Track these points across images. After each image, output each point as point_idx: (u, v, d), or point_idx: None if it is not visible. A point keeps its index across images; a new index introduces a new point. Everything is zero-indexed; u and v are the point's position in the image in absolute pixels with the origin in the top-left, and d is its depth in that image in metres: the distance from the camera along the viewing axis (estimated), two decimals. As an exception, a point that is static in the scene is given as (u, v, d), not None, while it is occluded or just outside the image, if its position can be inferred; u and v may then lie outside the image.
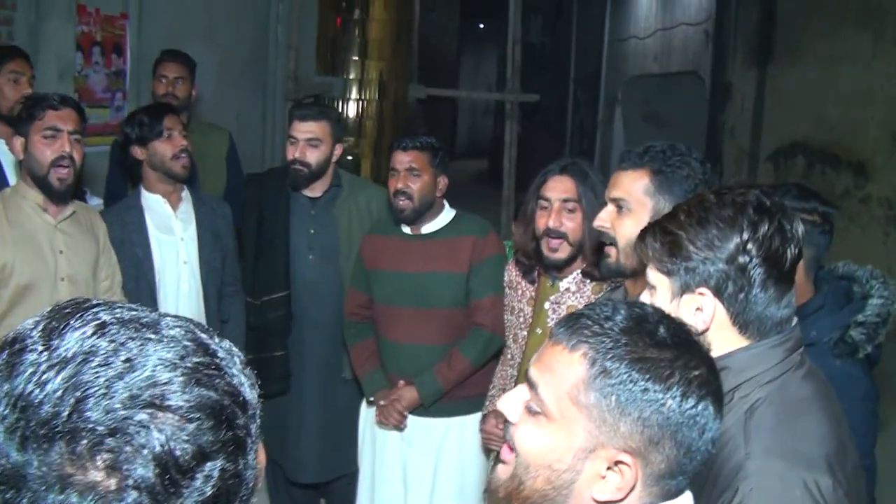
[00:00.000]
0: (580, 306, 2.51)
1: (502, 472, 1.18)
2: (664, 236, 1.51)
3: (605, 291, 2.46)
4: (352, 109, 6.89)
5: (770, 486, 1.35)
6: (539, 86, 10.44)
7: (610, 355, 1.08)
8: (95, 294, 2.85)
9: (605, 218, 2.04)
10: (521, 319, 2.80)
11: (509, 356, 2.90)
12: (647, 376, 1.06)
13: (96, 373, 0.70)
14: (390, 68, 6.97)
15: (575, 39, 13.59)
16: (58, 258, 2.73)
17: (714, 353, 1.48)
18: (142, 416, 0.70)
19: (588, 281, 2.60)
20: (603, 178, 2.48)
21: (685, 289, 1.49)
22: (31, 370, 0.70)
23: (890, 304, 2.41)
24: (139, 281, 3.08)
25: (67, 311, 0.75)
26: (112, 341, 0.72)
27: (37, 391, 0.69)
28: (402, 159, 3.03)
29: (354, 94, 6.89)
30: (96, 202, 3.52)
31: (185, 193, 3.25)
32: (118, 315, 0.75)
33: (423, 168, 3.02)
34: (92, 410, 0.69)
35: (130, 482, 0.69)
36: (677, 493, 1.13)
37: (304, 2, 6.80)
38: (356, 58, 6.88)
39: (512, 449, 1.16)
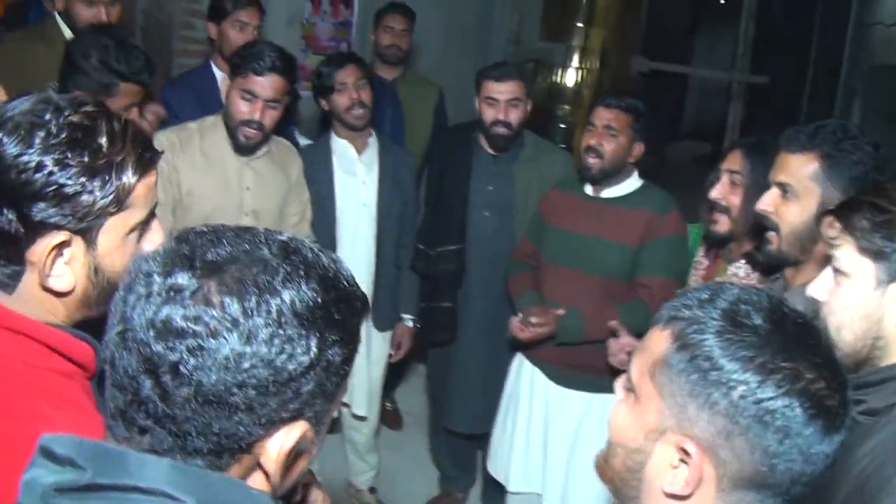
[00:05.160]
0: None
1: (601, 450, 1.17)
2: (876, 214, 1.36)
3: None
4: (571, 77, 6.83)
5: None
6: (774, 68, 9.84)
7: (693, 329, 1.01)
8: (282, 228, 3.02)
9: (768, 202, 1.93)
10: None
11: None
12: (725, 355, 0.97)
13: None
14: (614, 38, 6.84)
15: (818, 20, 12.62)
16: (244, 193, 2.86)
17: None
18: None
19: (756, 272, 2.42)
20: None
21: None
22: None
23: None
24: (321, 218, 3.24)
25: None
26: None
27: None
28: (603, 116, 2.95)
29: (575, 61, 6.82)
30: (304, 142, 3.72)
31: (373, 139, 3.36)
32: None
33: (621, 129, 2.93)
34: None
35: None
36: None
37: (533, -36, 6.79)
38: (580, 25, 6.80)
39: None
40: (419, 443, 4.33)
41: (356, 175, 3.34)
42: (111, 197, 1.16)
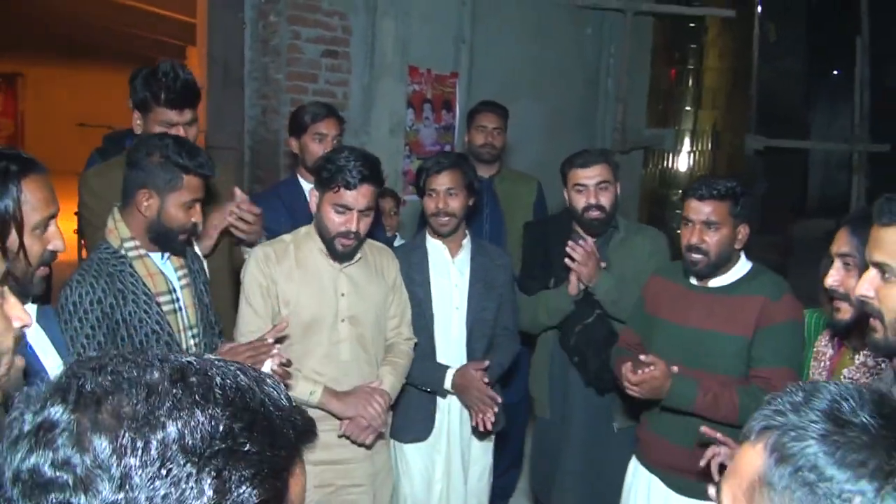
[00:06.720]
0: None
1: None
2: None
3: None
4: (683, 162, 6.71)
5: None
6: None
7: (791, 437, 0.86)
8: (382, 331, 2.96)
9: (866, 286, 1.67)
10: None
11: None
12: (833, 461, 0.83)
13: None
14: (725, 118, 6.73)
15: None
16: (339, 300, 2.82)
17: None
18: None
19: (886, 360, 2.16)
20: None
21: None
22: None
23: None
24: (420, 321, 3.15)
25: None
26: None
27: None
28: (699, 209, 2.70)
29: (687, 145, 6.70)
30: (399, 242, 3.70)
31: (467, 241, 3.28)
32: None
33: (722, 220, 2.68)
34: None
35: None
36: None
37: (635, 55, 6.76)
38: (689, 108, 6.71)
39: None
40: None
41: (449, 278, 3.26)
42: None
